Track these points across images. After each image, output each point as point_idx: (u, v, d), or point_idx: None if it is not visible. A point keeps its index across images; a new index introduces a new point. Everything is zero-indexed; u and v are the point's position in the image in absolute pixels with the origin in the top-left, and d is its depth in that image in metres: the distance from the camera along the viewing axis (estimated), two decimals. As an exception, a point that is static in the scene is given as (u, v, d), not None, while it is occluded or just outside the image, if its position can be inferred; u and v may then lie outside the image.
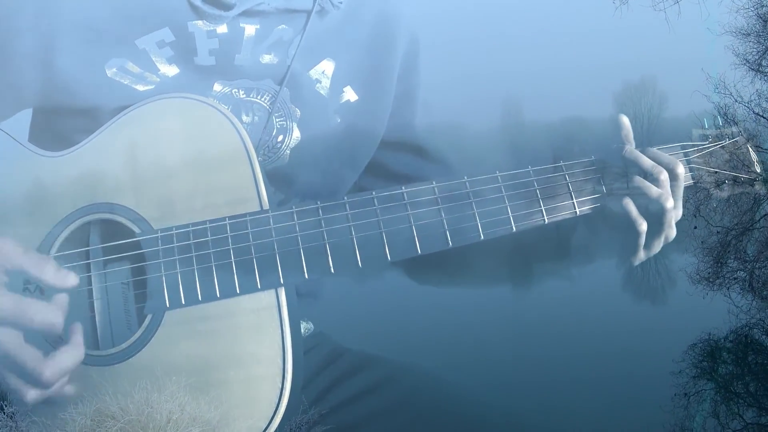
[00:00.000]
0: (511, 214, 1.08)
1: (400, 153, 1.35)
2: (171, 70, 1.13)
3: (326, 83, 1.23)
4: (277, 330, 1.00)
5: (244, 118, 1.17)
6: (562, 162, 1.13)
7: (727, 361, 1.43)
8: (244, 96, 1.17)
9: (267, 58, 1.17)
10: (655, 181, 1.10)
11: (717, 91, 1.38)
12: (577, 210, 1.12)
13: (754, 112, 1.36)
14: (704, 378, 1.40)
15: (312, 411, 1.05)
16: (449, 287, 1.41)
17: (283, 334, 1.00)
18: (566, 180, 1.12)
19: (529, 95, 1.44)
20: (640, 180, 1.10)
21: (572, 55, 1.65)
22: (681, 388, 1.39)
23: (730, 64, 1.42)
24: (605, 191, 1.13)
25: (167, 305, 1.00)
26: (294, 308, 1.02)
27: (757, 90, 1.39)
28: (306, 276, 1.02)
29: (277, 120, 1.19)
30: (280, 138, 1.20)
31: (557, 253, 1.23)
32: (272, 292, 1.01)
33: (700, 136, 1.25)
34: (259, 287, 1.01)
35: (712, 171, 1.22)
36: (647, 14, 1.49)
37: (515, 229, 1.08)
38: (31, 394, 0.92)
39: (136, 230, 1.03)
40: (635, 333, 1.49)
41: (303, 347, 1.05)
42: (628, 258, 1.14)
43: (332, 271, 1.03)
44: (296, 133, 1.21)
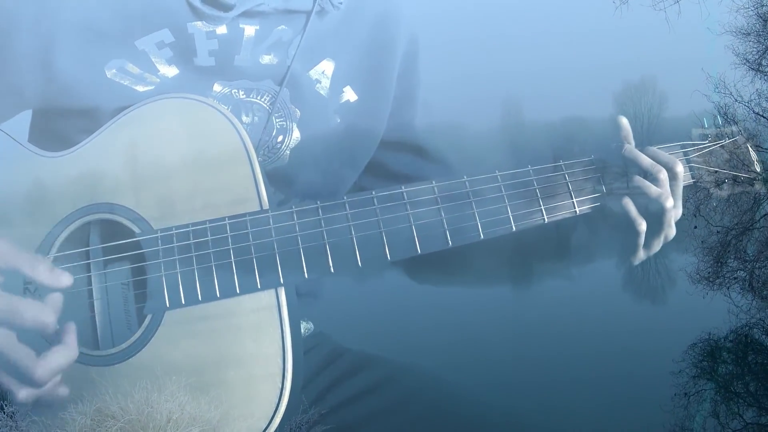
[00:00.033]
0: (511, 214, 1.08)
1: (400, 153, 1.35)
2: (171, 71, 1.13)
3: (326, 83, 1.23)
4: (277, 330, 1.00)
5: (244, 119, 1.17)
6: (562, 161, 1.13)
7: (727, 361, 1.43)
8: (244, 96, 1.17)
9: (267, 59, 1.17)
10: (655, 181, 1.10)
11: (717, 91, 1.38)
12: (577, 209, 1.12)
13: (754, 112, 1.36)
14: (704, 378, 1.40)
15: (312, 411, 1.05)
16: (449, 287, 1.41)
17: (283, 334, 1.00)
18: (566, 179, 1.12)
19: (529, 95, 1.44)
20: (640, 179, 1.10)
21: (572, 55, 1.65)
22: (681, 388, 1.39)
23: (730, 64, 1.42)
24: (605, 191, 1.13)
25: (167, 305, 1.00)
26: (294, 308, 1.02)
27: (757, 89, 1.39)
28: (306, 276, 1.02)
29: (277, 120, 1.19)
30: (280, 138, 1.20)
31: (557, 253, 1.23)
32: (272, 292, 1.01)
33: (700, 136, 1.25)
34: (259, 287, 1.01)
35: (712, 170, 1.22)
36: (647, 14, 1.49)
37: (515, 229, 1.08)
38: (23, 393, 0.92)
39: (136, 230, 1.03)
40: (635, 333, 1.48)
41: (303, 347, 1.05)
42: (628, 257, 1.14)
43: (332, 271, 1.03)
44: (296, 134, 1.21)
